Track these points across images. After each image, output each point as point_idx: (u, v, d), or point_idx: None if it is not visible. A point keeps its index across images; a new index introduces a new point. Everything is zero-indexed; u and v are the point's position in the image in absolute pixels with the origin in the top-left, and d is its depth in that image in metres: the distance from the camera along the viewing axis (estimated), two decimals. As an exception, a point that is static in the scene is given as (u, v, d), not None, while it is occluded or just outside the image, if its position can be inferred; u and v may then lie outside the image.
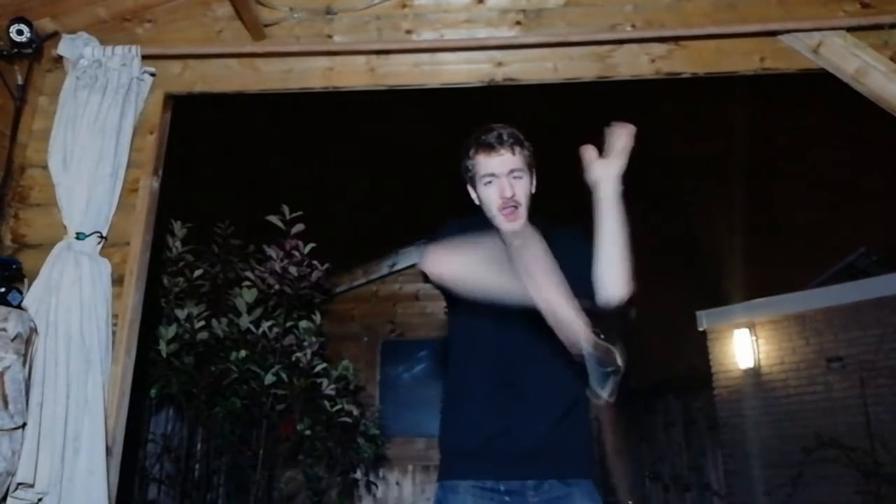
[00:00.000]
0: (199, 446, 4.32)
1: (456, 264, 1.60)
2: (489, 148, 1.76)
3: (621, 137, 1.63)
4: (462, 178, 1.87)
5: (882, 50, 2.53)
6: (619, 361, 1.50)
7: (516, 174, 1.76)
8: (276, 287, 4.15)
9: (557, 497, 1.65)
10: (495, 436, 1.67)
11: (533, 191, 1.82)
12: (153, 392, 3.72)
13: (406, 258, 6.21)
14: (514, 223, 1.76)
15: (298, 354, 4.16)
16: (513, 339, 1.73)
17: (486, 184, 1.77)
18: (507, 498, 1.65)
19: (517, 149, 1.77)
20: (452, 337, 1.84)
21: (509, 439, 1.66)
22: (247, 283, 4.18)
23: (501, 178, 1.75)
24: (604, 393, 1.52)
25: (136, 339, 2.53)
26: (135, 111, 2.64)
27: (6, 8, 2.55)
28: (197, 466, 4.27)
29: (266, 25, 2.79)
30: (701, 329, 7.67)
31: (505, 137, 1.76)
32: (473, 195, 1.85)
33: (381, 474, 5.64)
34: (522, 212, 1.77)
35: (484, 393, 1.71)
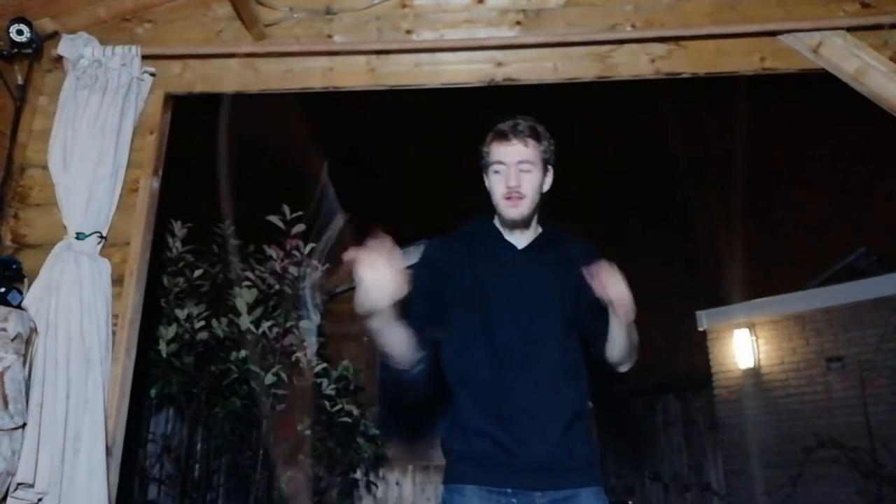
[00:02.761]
0: (199, 446, 4.32)
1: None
2: (502, 136, 1.77)
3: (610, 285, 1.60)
4: (478, 166, 1.87)
5: (882, 50, 2.53)
6: None
7: (524, 166, 1.75)
8: (276, 287, 4.15)
9: (564, 498, 1.65)
10: (500, 446, 1.65)
11: (545, 188, 1.81)
12: (153, 392, 3.72)
13: (406, 258, 6.19)
14: (516, 209, 1.76)
15: (298, 354, 4.16)
16: (512, 348, 1.72)
17: (494, 172, 1.78)
18: (513, 500, 1.64)
19: (531, 141, 1.76)
20: (451, 340, 1.80)
21: (514, 451, 1.65)
22: (247, 283, 4.18)
23: (509, 167, 1.75)
24: None
25: (136, 339, 2.53)
26: (135, 111, 2.64)
27: (6, 8, 2.55)
28: (197, 466, 4.27)
29: (266, 25, 2.79)
30: (701, 329, 7.68)
31: (520, 128, 1.76)
32: (488, 185, 1.85)
33: (381, 474, 5.63)
34: (527, 203, 1.76)
35: (487, 400, 1.69)
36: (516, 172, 1.75)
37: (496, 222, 1.86)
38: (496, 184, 1.78)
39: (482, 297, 1.75)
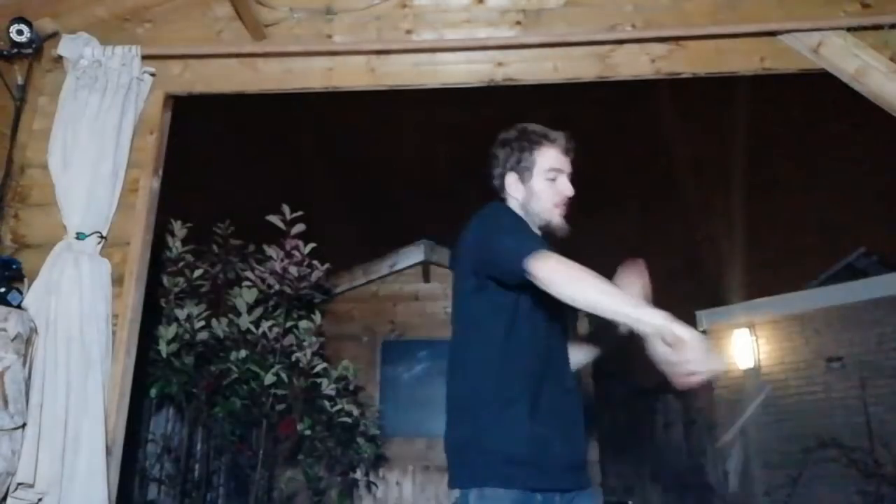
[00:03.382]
0: (199, 446, 4.32)
1: (567, 277, 1.50)
2: (559, 146, 1.83)
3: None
4: (512, 168, 1.87)
5: (882, 50, 2.53)
6: None
7: (570, 177, 1.85)
8: (276, 287, 4.15)
9: (572, 499, 1.69)
10: (547, 444, 1.65)
11: None
12: (153, 392, 3.72)
13: (406, 258, 6.21)
14: (562, 218, 1.82)
15: (298, 354, 4.15)
16: (552, 349, 1.75)
17: (549, 178, 1.82)
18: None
19: (572, 154, 1.87)
20: (489, 334, 1.72)
21: (558, 448, 1.66)
22: (247, 283, 4.17)
23: (566, 177, 1.83)
24: None
25: (136, 339, 2.53)
26: (135, 111, 2.64)
27: (6, 8, 2.55)
28: (197, 466, 4.27)
29: (266, 25, 2.79)
30: (701, 329, 7.66)
31: (571, 140, 1.85)
32: (518, 187, 1.86)
33: (381, 474, 5.63)
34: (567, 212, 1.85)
35: (547, 401, 1.68)
36: (569, 183, 1.83)
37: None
38: (548, 190, 1.81)
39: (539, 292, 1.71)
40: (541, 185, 1.82)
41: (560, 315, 1.79)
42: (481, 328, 1.73)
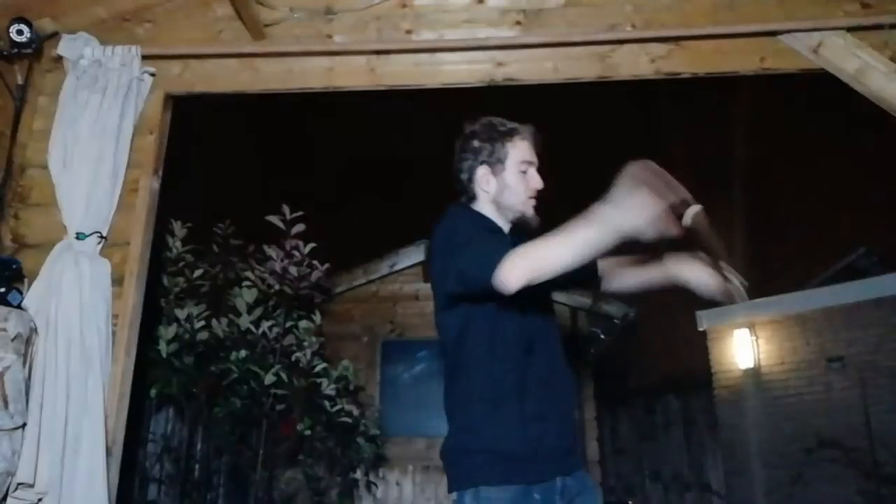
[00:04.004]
0: (199, 446, 4.32)
1: (539, 260, 1.50)
2: (529, 140, 1.83)
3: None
4: (484, 161, 1.83)
5: (882, 50, 2.53)
6: None
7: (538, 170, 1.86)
8: (276, 287, 4.15)
9: (577, 493, 1.69)
10: (539, 436, 1.65)
11: None
12: (153, 392, 3.72)
13: (406, 258, 6.22)
14: (535, 210, 1.83)
15: (298, 354, 4.16)
16: (537, 336, 1.75)
17: (521, 171, 1.81)
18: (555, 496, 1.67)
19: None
20: (474, 338, 1.73)
21: (550, 438, 1.67)
22: (247, 283, 4.18)
23: (535, 169, 1.83)
24: None
25: (136, 339, 2.53)
26: (135, 111, 2.64)
27: (6, 8, 2.55)
28: (197, 466, 4.27)
29: (266, 25, 2.79)
30: (701, 329, 7.66)
31: (538, 136, 1.85)
32: (489, 180, 1.83)
33: (381, 474, 5.63)
34: None
35: (522, 392, 1.68)
36: (538, 175, 1.83)
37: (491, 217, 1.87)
38: (521, 183, 1.81)
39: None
40: (513, 177, 1.80)
41: (542, 290, 1.71)
42: (465, 335, 1.74)
